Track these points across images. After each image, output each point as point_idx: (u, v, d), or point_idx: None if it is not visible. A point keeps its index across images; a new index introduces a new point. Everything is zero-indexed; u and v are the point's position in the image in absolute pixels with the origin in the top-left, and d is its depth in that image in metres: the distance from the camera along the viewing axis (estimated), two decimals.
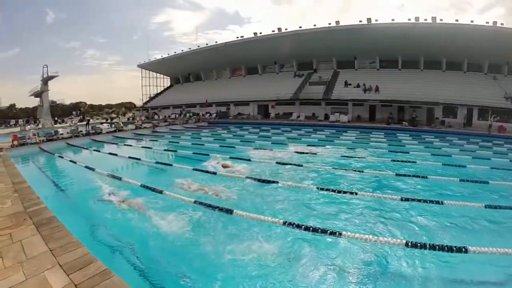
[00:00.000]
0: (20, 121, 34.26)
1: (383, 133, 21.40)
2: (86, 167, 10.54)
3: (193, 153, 13.38)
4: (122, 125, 26.37)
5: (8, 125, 35.51)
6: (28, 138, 17.66)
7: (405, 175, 9.34)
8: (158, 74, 51.49)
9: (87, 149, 16.66)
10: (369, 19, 29.55)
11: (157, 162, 11.70)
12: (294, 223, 5.31)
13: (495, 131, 22.20)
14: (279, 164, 10.76)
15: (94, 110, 54.32)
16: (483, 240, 5.32)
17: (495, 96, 25.63)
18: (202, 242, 5.30)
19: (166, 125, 29.19)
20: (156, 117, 40.50)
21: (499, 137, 20.82)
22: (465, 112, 25.89)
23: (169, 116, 38.72)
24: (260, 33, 35.78)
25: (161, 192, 7.31)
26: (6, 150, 15.10)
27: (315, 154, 12.92)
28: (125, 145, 17.85)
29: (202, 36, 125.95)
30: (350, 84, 31.65)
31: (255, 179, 8.78)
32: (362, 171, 9.85)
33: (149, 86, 50.31)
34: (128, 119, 40.43)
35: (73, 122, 34.74)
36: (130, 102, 60.67)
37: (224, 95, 38.80)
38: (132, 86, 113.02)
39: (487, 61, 29.18)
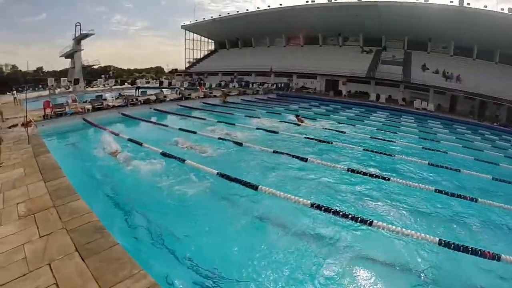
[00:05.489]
0: (49, 82, 27.53)
1: (489, 132, 21.17)
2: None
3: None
4: (186, 92, 24.14)
5: (36, 88, 29.45)
6: (66, 105, 13.48)
7: None
8: (201, 38, 47.73)
9: (161, 125, 12.76)
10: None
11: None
12: None
13: None
14: None
15: (125, 74, 52.23)
16: None
17: None
18: None
19: (236, 94, 27.82)
20: (202, 83, 38.38)
21: None
22: None
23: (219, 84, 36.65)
24: None
25: None
26: (37, 123, 11.22)
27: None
28: (220, 122, 13.93)
29: (231, 4, 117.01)
30: (428, 69, 31.03)
31: None
32: None
33: (193, 49, 46.97)
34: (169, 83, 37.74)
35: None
36: (158, 67, 59.41)
37: (283, 64, 36.94)
38: (159, 51, 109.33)
39: None
